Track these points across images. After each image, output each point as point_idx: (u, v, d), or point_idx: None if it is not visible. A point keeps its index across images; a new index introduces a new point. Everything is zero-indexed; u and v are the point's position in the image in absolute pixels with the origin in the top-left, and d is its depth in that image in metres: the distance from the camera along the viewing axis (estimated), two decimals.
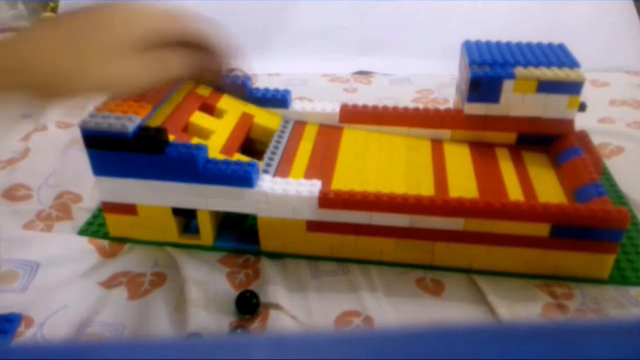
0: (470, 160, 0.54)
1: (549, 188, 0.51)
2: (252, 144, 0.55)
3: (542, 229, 0.44)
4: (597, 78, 0.80)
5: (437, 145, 0.56)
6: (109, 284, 0.46)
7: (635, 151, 0.64)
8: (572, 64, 0.54)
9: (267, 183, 0.46)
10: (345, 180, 0.50)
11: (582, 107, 0.54)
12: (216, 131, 0.50)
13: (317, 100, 0.60)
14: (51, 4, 1.06)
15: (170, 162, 0.45)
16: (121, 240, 0.51)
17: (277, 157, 0.52)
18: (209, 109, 0.53)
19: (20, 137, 0.68)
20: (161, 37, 0.37)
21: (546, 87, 0.52)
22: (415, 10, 0.97)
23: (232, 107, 0.54)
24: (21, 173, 0.61)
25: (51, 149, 0.65)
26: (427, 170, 0.52)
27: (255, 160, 0.47)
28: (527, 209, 0.43)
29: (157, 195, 0.47)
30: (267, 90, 0.58)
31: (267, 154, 0.51)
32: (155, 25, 0.37)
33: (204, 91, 0.54)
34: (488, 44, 0.59)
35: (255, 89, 0.57)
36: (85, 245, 0.50)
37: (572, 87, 0.52)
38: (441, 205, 0.44)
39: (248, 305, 0.43)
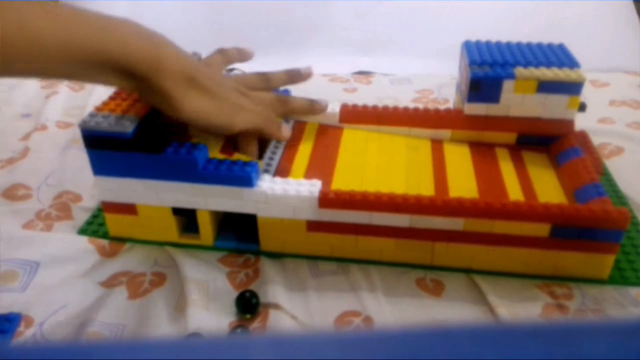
0: (470, 160, 0.54)
1: (549, 188, 0.51)
2: None
3: (542, 229, 0.44)
4: (597, 78, 0.80)
5: (437, 145, 0.56)
6: (109, 283, 0.46)
7: (635, 151, 0.64)
8: (572, 64, 0.54)
9: (267, 183, 0.46)
10: (345, 180, 0.50)
11: (582, 108, 0.54)
12: None
13: None
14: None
15: (170, 161, 0.45)
16: (121, 240, 0.51)
17: (277, 157, 0.52)
18: None
19: (20, 136, 0.68)
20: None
21: (546, 87, 0.52)
22: (415, 10, 0.96)
23: None
24: (21, 172, 0.60)
25: (51, 148, 0.65)
26: (427, 170, 0.52)
27: (255, 160, 0.47)
28: (527, 209, 0.43)
29: (157, 195, 0.47)
30: None
31: (267, 154, 0.51)
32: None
33: None
34: (488, 44, 0.59)
35: None
36: (85, 245, 0.50)
37: (572, 87, 0.52)
38: (441, 205, 0.44)
39: (248, 305, 0.43)
